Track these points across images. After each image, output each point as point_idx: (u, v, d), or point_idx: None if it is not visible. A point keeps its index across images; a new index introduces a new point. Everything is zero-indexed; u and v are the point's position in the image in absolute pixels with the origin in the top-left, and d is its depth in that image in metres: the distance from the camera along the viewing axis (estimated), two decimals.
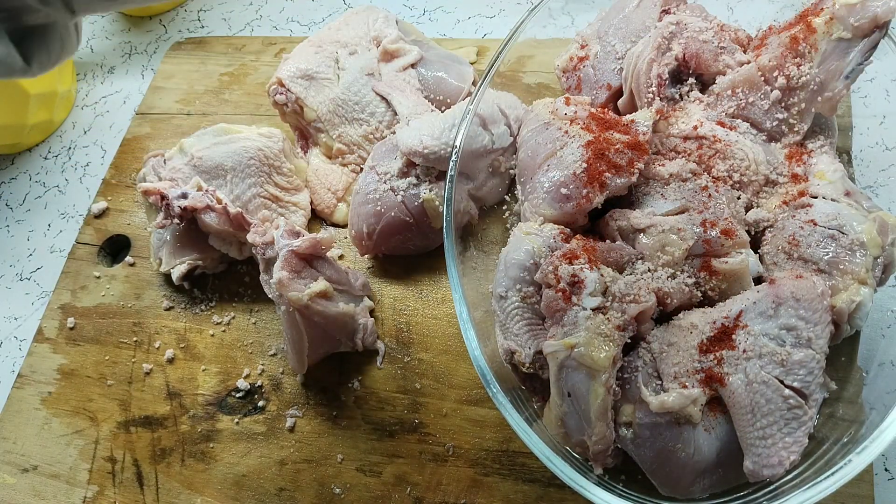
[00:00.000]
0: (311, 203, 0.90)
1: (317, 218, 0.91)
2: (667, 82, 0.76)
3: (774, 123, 0.72)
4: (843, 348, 0.66)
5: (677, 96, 0.77)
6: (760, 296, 0.61)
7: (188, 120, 1.03)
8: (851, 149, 0.79)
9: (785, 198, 0.69)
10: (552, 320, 0.64)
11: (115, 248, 0.96)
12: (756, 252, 0.68)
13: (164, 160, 0.89)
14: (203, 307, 0.87)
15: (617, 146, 0.70)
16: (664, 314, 0.66)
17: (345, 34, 0.93)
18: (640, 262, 0.67)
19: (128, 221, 0.95)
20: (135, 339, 0.86)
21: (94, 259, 0.93)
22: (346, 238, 0.88)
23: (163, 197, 0.80)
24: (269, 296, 0.76)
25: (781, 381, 0.58)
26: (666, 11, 0.80)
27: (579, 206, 0.69)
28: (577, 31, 0.86)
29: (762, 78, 0.71)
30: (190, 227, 0.83)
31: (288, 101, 0.88)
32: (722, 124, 0.73)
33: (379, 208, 0.80)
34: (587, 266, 0.63)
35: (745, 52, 0.78)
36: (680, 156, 0.73)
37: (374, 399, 0.78)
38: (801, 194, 0.68)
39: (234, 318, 0.85)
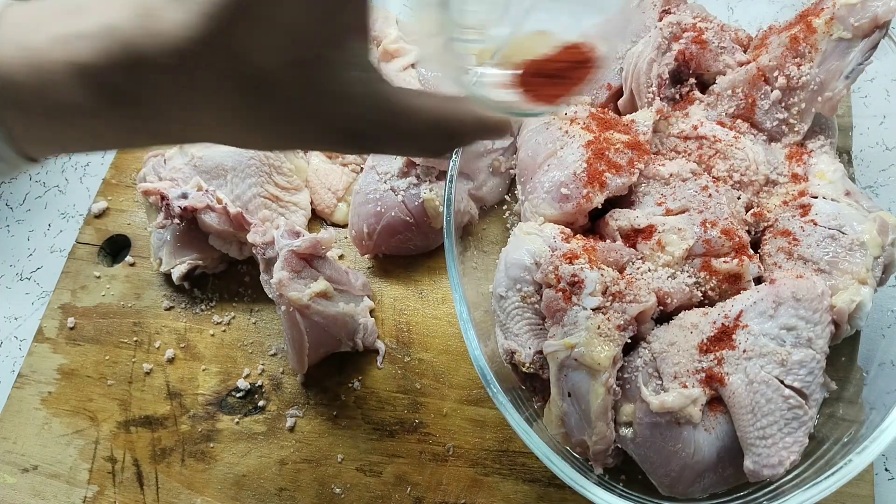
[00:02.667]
0: (312, 203, 0.90)
1: (317, 218, 0.91)
2: (667, 82, 0.76)
3: (775, 123, 0.72)
4: (843, 348, 0.66)
5: (677, 96, 0.77)
6: (760, 296, 0.61)
7: None
8: (851, 149, 0.79)
9: (785, 198, 0.69)
10: (552, 320, 0.64)
11: (115, 248, 0.96)
12: (756, 252, 0.68)
13: (165, 160, 0.89)
14: (203, 307, 0.87)
15: (617, 146, 0.70)
16: (664, 314, 0.66)
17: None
18: (640, 261, 0.67)
19: (128, 221, 0.95)
20: (135, 338, 0.86)
21: (94, 259, 0.93)
22: (346, 238, 0.88)
23: (163, 197, 0.80)
24: (269, 296, 0.76)
25: (782, 381, 0.58)
26: (666, 11, 0.80)
27: (579, 206, 0.69)
28: None
29: (762, 78, 0.71)
30: (190, 227, 0.83)
31: None
32: (722, 124, 0.73)
33: (379, 208, 0.80)
34: (587, 266, 0.63)
35: (745, 52, 0.78)
36: (680, 156, 0.73)
37: (374, 399, 0.78)
38: (802, 194, 0.68)
39: (234, 318, 0.85)
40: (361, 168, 0.88)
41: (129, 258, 0.92)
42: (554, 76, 0.45)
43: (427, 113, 0.42)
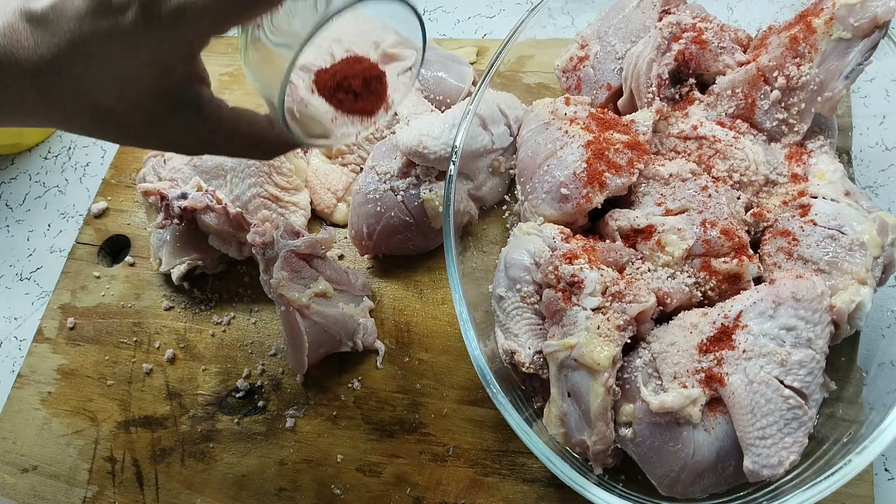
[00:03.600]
0: (311, 203, 0.90)
1: (317, 218, 0.91)
2: (667, 82, 0.76)
3: (774, 123, 0.72)
4: (843, 348, 0.66)
5: (677, 96, 0.77)
6: (760, 296, 0.61)
7: None
8: (851, 149, 0.79)
9: (785, 198, 0.69)
10: (552, 320, 0.64)
11: (115, 248, 0.96)
12: (756, 252, 0.68)
13: (164, 160, 0.89)
14: (203, 307, 0.87)
15: (617, 146, 0.70)
16: (664, 314, 0.66)
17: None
18: (639, 262, 0.67)
19: (128, 221, 0.96)
20: (135, 339, 0.86)
21: (94, 259, 0.93)
22: (346, 238, 0.88)
23: (163, 197, 0.80)
24: (269, 296, 0.76)
25: (781, 382, 0.58)
26: (666, 11, 0.80)
27: (579, 206, 0.69)
28: (577, 31, 0.86)
29: (762, 78, 0.71)
30: (190, 228, 0.83)
31: None
32: (722, 124, 0.73)
33: (379, 208, 0.80)
34: (587, 266, 0.63)
35: (745, 52, 0.78)
36: (680, 156, 0.73)
37: (374, 399, 0.78)
38: (801, 194, 0.68)
39: (234, 318, 0.85)
40: (361, 168, 0.88)
41: (128, 258, 0.92)
42: (355, 92, 0.53)
43: (250, 136, 0.53)
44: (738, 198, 0.70)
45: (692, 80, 0.77)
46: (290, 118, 0.51)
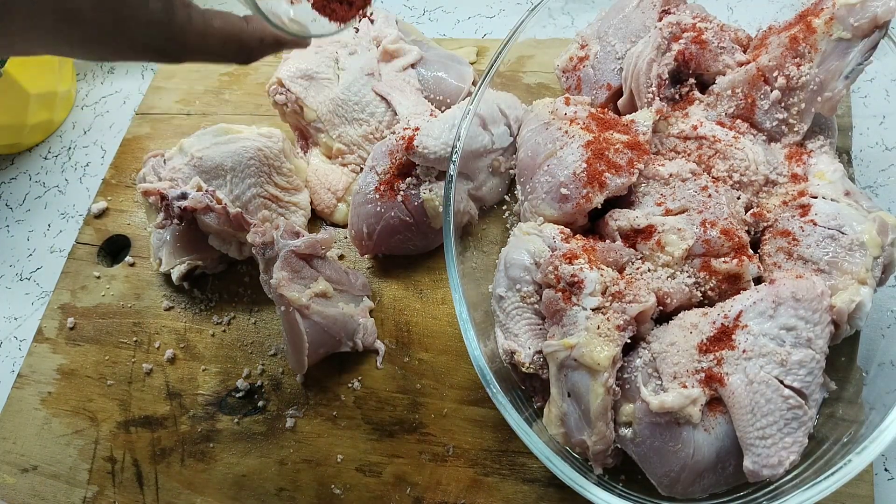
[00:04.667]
0: (311, 203, 0.90)
1: (317, 218, 0.91)
2: (667, 82, 0.76)
3: (774, 123, 0.72)
4: (843, 348, 0.66)
5: (677, 96, 0.77)
6: (760, 296, 0.61)
7: (188, 120, 1.03)
8: (851, 149, 0.79)
9: (785, 198, 0.69)
10: (552, 320, 0.64)
11: (115, 248, 0.96)
12: (756, 252, 0.68)
13: (164, 160, 0.89)
14: (203, 307, 0.87)
15: (617, 146, 0.70)
16: (664, 314, 0.66)
17: (345, 34, 0.93)
18: (639, 262, 0.67)
19: (128, 221, 0.96)
20: (135, 339, 0.86)
21: (94, 259, 0.93)
22: (346, 238, 0.88)
23: (163, 197, 0.80)
24: (269, 296, 0.76)
25: (781, 381, 0.58)
26: (666, 11, 0.80)
27: (579, 206, 0.69)
28: (577, 31, 0.86)
29: (762, 78, 0.71)
30: (190, 228, 0.83)
31: (288, 101, 0.88)
32: (722, 124, 0.73)
33: (379, 208, 0.80)
34: (587, 266, 0.63)
35: (745, 52, 0.78)
36: (680, 156, 0.73)
37: (374, 399, 0.78)
38: (801, 194, 0.68)
39: (234, 318, 0.85)
40: (361, 168, 0.88)
41: (128, 258, 0.92)
42: (349, 1, 0.54)
43: (224, 33, 0.51)
44: (738, 198, 0.70)
45: (692, 80, 0.77)
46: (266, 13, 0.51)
